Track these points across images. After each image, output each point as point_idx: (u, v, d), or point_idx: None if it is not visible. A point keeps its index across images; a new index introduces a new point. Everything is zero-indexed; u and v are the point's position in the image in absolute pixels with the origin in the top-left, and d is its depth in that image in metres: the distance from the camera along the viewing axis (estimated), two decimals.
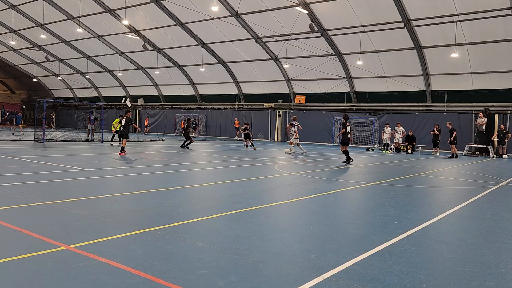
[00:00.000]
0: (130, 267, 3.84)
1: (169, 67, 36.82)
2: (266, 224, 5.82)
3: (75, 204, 6.49)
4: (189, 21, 29.43)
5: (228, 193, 8.31)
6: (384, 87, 28.80)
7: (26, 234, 4.77)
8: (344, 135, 15.29)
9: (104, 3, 29.93)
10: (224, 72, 34.60)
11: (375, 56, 26.96)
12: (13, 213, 5.82)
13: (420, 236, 5.45)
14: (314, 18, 24.97)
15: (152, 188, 8.38)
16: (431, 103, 27.31)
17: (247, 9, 26.20)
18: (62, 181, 8.92)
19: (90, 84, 45.92)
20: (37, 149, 17.22)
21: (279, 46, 28.95)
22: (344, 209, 7.31)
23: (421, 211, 7.14)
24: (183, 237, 4.94)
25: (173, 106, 40.99)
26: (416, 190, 9.60)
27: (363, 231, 5.64)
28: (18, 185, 8.10)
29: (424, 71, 26.16)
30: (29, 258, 3.99)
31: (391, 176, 12.08)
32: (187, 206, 6.85)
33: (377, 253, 4.58)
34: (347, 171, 13.39)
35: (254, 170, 12.56)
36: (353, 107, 30.53)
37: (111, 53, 37.70)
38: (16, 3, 32.91)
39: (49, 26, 35.35)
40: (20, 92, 55.79)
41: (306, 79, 31.26)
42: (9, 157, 13.27)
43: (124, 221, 5.61)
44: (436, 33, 23.60)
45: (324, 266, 4.10)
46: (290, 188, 9.34)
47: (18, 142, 21.35)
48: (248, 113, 35.62)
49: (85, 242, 4.54)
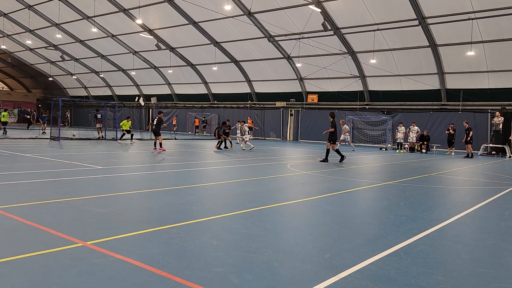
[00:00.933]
0: (146, 264, 3.87)
1: (182, 66, 36.99)
2: (280, 223, 5.80)
3: (91, 201, 6.57)
4: (202, 20, 29.51)
5: (242, 191, 8.31)
6: (398, 85, 28.50)
7: (43, 231, 4.84)
8: (333, 134, 15.02)
9: (118, 2, 30.19)
10: (236, 71, 34.64)
11: (389, 54, 26.69)
12: (31, 210, 5.91)
13: (436, 236, 5.38)
14: (327, 16, 24.83)
15: (166, 186, 8.43)
16: (446, 102, 26.94)
17: (260, 7, 26.17)
18: (78, 178, 9.02)
19: (104, 83, 46.40)
20: (53, 147, 17.47)
21: (291, 44, 28.86)
22: (358, 209, 7.25)
23: (437, 211, 7.05)
24: (198, 235, 4.96)
25: (186, 104, 41.19)
26: (431, 190, 9.48)
27: (378, 230, 5.59)
28: (36, 182, 8.22)
29: (439, 69, 25.81)
30: (47, 254, 4.04)
31: (406, 176, 11.95)
32: (201, 204, 6.88)
33: (393, 253, 4.53)
34: (360, 171, 13.30)
35: (267, 169, 12.55)
36: (366, 106, 30.29)
37: (125, 52, 38.03)
38: (32, 3, 33.40)
39: (64, 25, 35.80)
40: (36, 91, 56.67)
41: (319, 77, 31.10)
42: (27, 155, 13.49)
43: (139, 219, 5.65)
44: (452, 31, 23.26)
45: (339, 265, 4.08)
46: (303, 187, 9.30)
47: (35, 140, 21.68)
48: (260, 112, 35.61)
49: (101, 239, 4.59)
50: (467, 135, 21.55)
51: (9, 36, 40.40)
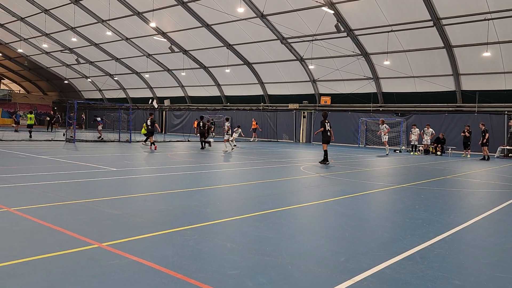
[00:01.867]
0: (161, 266, 3.89)
1: (194, 69, 37.20)
2: (294, 226, 5.79)
3: (106, 203, 6.64)
4: (215, 22, 29.65)
5: (255, 194, 8.31)
6: (412, 87, 28.20)
7: (60, 232, 4.90)
8: (324, 134, 14.75)
9: (133, 6, 30.53)
10: (249, 73, 34.69)
11: (403, 55, 26.44)
12: (48, 211, 6.00)
13: (453, 240, 5.30)
14: (340, 18, 24.73)
15: (180, 188, 8.48)
16: (462, 103, 26.56)
17: (272, 10, 26.19)
18: (93, 180, 9.13)
19: (118, 86, 46.92)
20: (68, 149, 17.72)
21: (304, 46, 28.80)
22: (373, 212, 7.19)
23: (453, 214, 6.95)
24: (212, 237, 4.97)
25: (199, 107, 41.39)
26: (447, 193, 9.35)
27: (393, 234, 5.53)
28: (52, 184, 8.35)
29: (454, 70, 25.47)
30: (64, 255, 4.10)
31: (421, 178, 11.81)
32: (214, 206, 6.90)
33: (409, 257, 4.48)
34: (374, 173, 13.18)
35: (280, 171, 12.53)
36: (380, 107, 30.04)
37: (139, 55, 38.41)
38: (48, 7, 33.98)
39: (79, 29, 36.32)
40: (51, 94, 57.57)
41: (332, 79, 30.96)
42: (43, 157, 13.71)
43: (153, 220, 5.69)
44: (467, 31, 22.95)
45: (354, 269, 4.04)
46: (317, 190, 9.26)
47: (51, 142, 22.02)
48: (273, 114, 35.59)
49: (116, 240, 4.63)
50: (483, 137, 21.20)
51: (25, 39, 41.14)
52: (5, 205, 6.11)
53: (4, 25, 39.28)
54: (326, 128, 14.80)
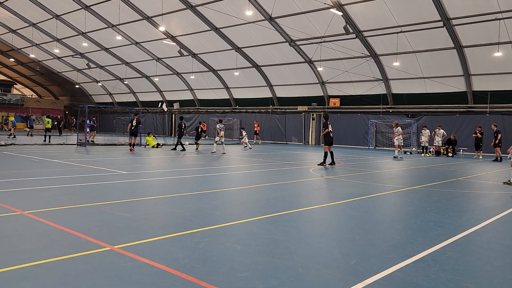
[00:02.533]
0: (172, 268, 3.92)
1: (204, 72, 37.38)
2: (304, 228, 5.78)
3: (117, 206, 6.70)
4: (224, 26, 29.78)
5: (264, 196, 8.32)
6: (422, 88, 28.00)
7: (73, 235, 4.96)
8: (327, 135, 14.78)
9: (142, 10, 30.81)
10: (258, 76, 34.75)
11: (413, 56, 26.27)
12: (61, 214, 6.07)
13: (465, 242, 5.24)
14: (349, 19, 24.66)
15: (190, 191, 8.52)
16: (473, 104, 26.29)
17: (281, 12, 26.23)
18: (104, 183, 9.22)
19: (128, 90, 47.33)
20: (79, 153, 17.91)
21: (313, 48, 28.77)
22: (384, 214, 7.15)
23: (465, 217, 6.88)
24: (222, 239, 4.99)
25: (208, 110, 41.56)
26: (459, 195, 9.26)
27: (404, 236, 5.49)
28: (64, 187, 8.45)
29: (465, 71, 25.23)
30: (77, 258, 4.14)
31: (432, 180, 11.71)
32: (224, 209, 6.92)
33: (421, 260, 4.44)
34: (384, 175, 13.10)
35: (289, 174, 12.52)
36: (390, 109, 29.86)
37: (148, 59, 38.72)
38: (59, 13, 34.45)
39: (90, 34, 36.76)
40: (63, 98, 58.29)
41: (341, 81, 30.88)
42: (55, 161, 13.87)
43: (164, 223, 5.73)
44: (478, 31, 22.73)
45: (365, 272, 4.03)
46: (327, 192, 9.24)
47: (62, 146, 22.27)
48: (281, 117, 35.58)
49: (128, 243, 4.67)
50: (496, 138, 20.96)
51: (37, 45, 41.76)
52: (19, 208, 6.20)
53: (17, 31, 39.92)
54: (329, 129, 14.82)
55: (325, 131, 14.93)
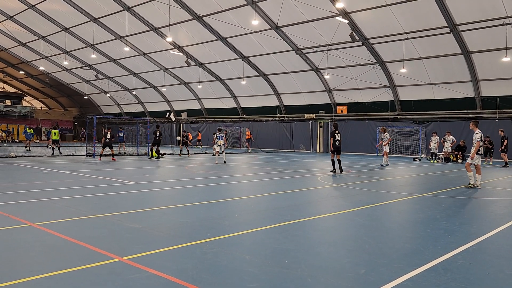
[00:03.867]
0: (181, 279, 3.91)
1: (211, 81, 37.60)
2: (313, 237, 5.74)
3: (126, 217, 6.72)
4: (230, 35, 29.98)
5: (273, 205, 8.29)
6: (430, 94, 27.86)
7: (82, 246, 4.98)
8: (333, 144, 15.26)
9: (149, 22, 31.16)
10: (264, 85, 34.86)
11: (420, 63, 26.19)
12: (70, 225, 6.11)
13: (476, 250, 5.17)
14: (354, 27, 24.70)
15: (198, 201, 8.52)
16: (482, 110, 26.08)
17: (287, 21, 26.37)
18: (113, 194, 9.26)
19: (136, 100, 47.72)
20: (88, 164, 18.04)
21: (319, 56, 28.83)
22: (393, 222, 7.08)
23: (476, 224, 6.79)
24: (231, 249, 4.97)
25: (216, 119, 41.70)
26: (469, 202, 9.15)
27: (414, 245, 5.43)
28: (73, 198, 8.50)
29: (473, 77, 25.08)
30: (86, 270, 4.16)
31: (441, 187, 11.59)
32: (232, 218, 6.91)
33: (431, 269, 4.39)
34: (393, 182, 13.00)
35: (297, 182, 12.48)
36: (398, 115, 29.72)
37: (156, 70, 39.06)
38: (68, 26, 34.98)
39: (98, 46, 37.22)
40: (72, 110, 58.90)
41: (348, 88, 30.85)
42: (64, 172, 13.99)
43: (172, 234, 5.73)
44: (485, 37, 22.62)
45: (375, 281, 3.98)
46: (335, 200, 9.18)
47: (71, 157, 22.46)
48: (289, 125, 35.58)
49: (137, 254, 4.68)
50: (502, 144, 20.83)
51: (47, 57, 42.35)
52: (28, 220, 6.25)
53: (26, 44, 40.55)
54: (335, 138, 15.30)
55: (331, 140, 15.35)
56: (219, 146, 19.22)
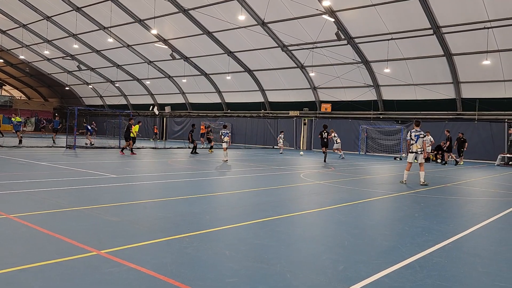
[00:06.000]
0: (159, 273, 3.89)
1: (195, 75, 37.34)
2: (293, 233, 5.78)
3: (106, 210, 6.64)
4: (216, 30, 29.80)
5: (255, 201, 8.31)
6: (412, 95, 28.28)
7: (59, 239, 4.90)
8: (322, 141, 19.97)
9: (134, 13, 30.72)
10: (250, 80, 34.81)
11: (403, 63, 26.54)
12: (47, 218, 6.00)
13: (452, 248, 5.29)
14: (340, 26, 24.85)
15: (179, 195, 8.48)
16: (462, 111, 26.61)
17: (273, 17, 26.34)
18: (93, 187, 9.14)
19: (119, 92, 47.06)
20: (68, 156, 17.74)
21: (305, 54, 28.92)
22: (372, 220, 7.18)
23: (453, 223, 6.94)
24: (211, 244, 4.97)
25: (199, 113, 41.48)
26: (447, 201, 9.34)
27: (392, 242, 5.53)
28: (52, 190, 8.35)
29: (454, 78, 25.55)
30: (63, 263, 4.10)
31: (420, 186, 11.80)
32: (214, 213, 6.89)
33: (408, 266, 4.47)
34: (374, 181, 13.18)
35: (280, 179, 12.53)
36: (380, 115, 30.09)
37: (140, 62, 38.56)
38: (50, 14, 34.20)
39: (81, 36, 36.52)
40: (53, 100, 57.73)
41: (332, 87, 31.06)
42: (43, 163, 13.72)
43: (152, 228, 5.69)
44: (467, 40, 23.05)
45: (353, 277, 4.04)
46: (317, 197, 9.26)
47: (51, 148, 22.04)
48: (273, 121, 35.64)
49: (115, 247, 4.63)
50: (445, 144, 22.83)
51: (27, 46, 41.35)
52: (5, 212, 6.12)
53: (6, 31, 39.50)
54: (322, 136, 19.97)
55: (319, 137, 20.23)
56: (225, 143, 19.14)
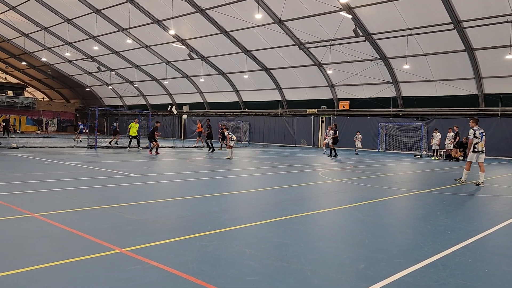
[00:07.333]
0: (181, 271, 3.93)
1: (213, 75, 37.52)
2: (313, 232, 5.76)
3: (127, 209, 6.75)
4: (233, 29, 29.87)
5: (274, 199, 8.31)
6: (432, 91, 27.78)
7: (83, 237, 5.01)
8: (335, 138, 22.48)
9: (152, 14, 31.05)
10: (267, 79, 34.78)
11: (423, 59, 26.09)
12: (70, 216, 6.13)
13: (476, 247, 5.19)
14: (358, 22, 24.59)
15: (199, 194, 8.54)
16: (484, 107, 26.00)
17: (290, 15, 26.24)
18: (114, 186, 9.29)
19: (138, 93, 47.67)
20: (89, 155, 18.07)
21: (322, 51, 28.73)
22: (393, 218, 7.10)
23: (476, 221, 6.80)
24: (231, 243, 5.00)
25: (217, 113, 41.67)
26: (469, 199, 9.16)
27: (414, 241, 5.45)
28: (75, 189, 8.53)
29: (476, 74, 24.98)
30: (87, 260, 4.18)
31: (442, 184, 11.60)
32: (233, 212, 6.93)
33: (431, 265, 4.41)
34: (394, 178, 13.01)
35: (298, 177, 12.50)
36: (400, 112, 29.66)
37: (158, 62, 38.98)
38: (71, 17, 34.87)
39: (101, 38, 37.12)
40: (74, 101, 58.89)
41: (350, 84, 30.77)
42: (65, 163, 14.02)
43: (173, 226, 5.75)
44: (489, 34, 22.49)
45: (374, 276, 4.00)
46: (336, 195, 9.20)
47: (73, 148, 22.49)
48: (291, 119, 35.55)
49: (137, 246, 4.70)
50: (455, 139, 22.45)
51: (49, 49, 42.27)
52: (30, 211, 6.28)
53: (29, 34, 40.47)
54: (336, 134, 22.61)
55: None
56: (233, 141, 19.55)
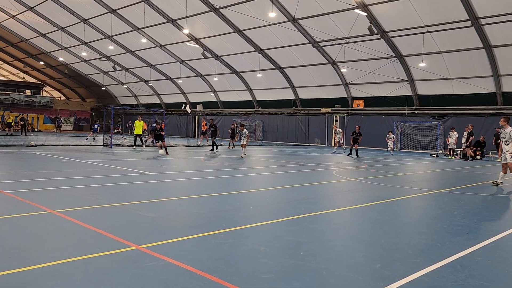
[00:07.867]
0: (196, 268, 3.96)
1: (227, 74, 37.60)
2: (328, 231, 5.74)
3: (142, 206, 6.81)
4: (247, 28, 29.88)
5: (288, 198, 8.30)
6: (449, 89, 27.35)
7: (100, 234, 5.08)
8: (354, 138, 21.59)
9: (167, 14, 31.26)
10: (280, 77, 34.71)
11: (439, 57, 25.70)
12: (88, 213, 6.22)
13: (495, 248, 5.09)
14: (373, 20, 24.34)
15: (212, 192, 8.58)
16: (503, 105, 25.50)
17: (304, 13, 26.13)
18: (130, 184, 9.39)
19: (152, 92, 48.07)
20: (105, 154, 18.30)
21: (336, 49, 28.53)
22: (409, 217, 7.02)
23: (494, 221, 6.68)
24: (246, 241, 5.00)
25: (231, 111, 41.76)
26: (487, 199, 9.00)
27: (430, 241, 5.38)
28: (92, 187, 8.65)
29: (494, 71, 24.51)
30: (103, 257, 4.24)
31: (459, 184, 11.42)
32: (247, 210, 6.93)
33: (448, 265, 4.34)
34: (410, 178, 12.86)
35: (312, 176, 12.45)
36: (415, 110, 29.29)
37: (172, 61, 39.23)
38: (87, 17, 35.34)
39: (116, 37, 37.53)
40: (90, 100, 59.69)
41: (365, 82, 30.49)
42: (82, 161, 14.23)
43: (188, 224, 5.79)
44: (508, 31, 22.03)
45: (390, 276, 3.96)
46: (350, 194, 9.14)
47: (89, 147, 22.81)
48: (304, 118, 35.42)
49: (153, 243, 4.74)
50: (467, 139, 22.09)
51: (66, 48, 42.91)
52: (49, 208, 6.39)
53: (46, 34, 41.14)
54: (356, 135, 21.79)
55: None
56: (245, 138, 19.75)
